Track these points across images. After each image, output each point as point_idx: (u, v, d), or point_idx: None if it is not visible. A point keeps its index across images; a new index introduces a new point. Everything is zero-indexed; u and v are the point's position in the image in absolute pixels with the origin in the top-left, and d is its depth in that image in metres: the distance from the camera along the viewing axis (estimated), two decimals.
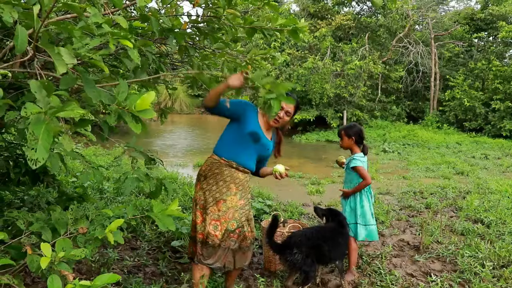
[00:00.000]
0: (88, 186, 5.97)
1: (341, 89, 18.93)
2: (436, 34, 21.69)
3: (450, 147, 14.71)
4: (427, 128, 19.31)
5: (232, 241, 3.03)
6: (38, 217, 2.44)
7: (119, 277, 1.78)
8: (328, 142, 17.03)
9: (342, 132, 4.04)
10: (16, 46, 1.59)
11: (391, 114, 21.38)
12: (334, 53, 20.69)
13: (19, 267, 2.21)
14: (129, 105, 1.67)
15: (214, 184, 3.05)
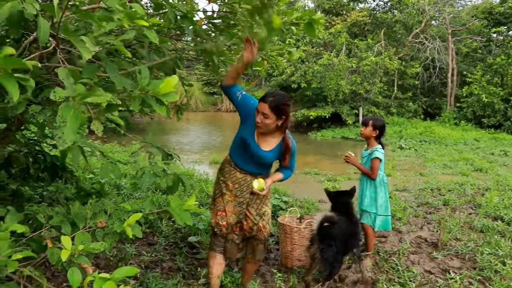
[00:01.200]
0: (105, 182, 6.02)
1: (357, 86, 18.82)
2: (454, 29, 21.42)
3: (468, 144, 14.49)
4: (444, 125, 19.07)
5: (236, 234, 3.17)
6: (58, 211, 2.47)
7: (137, 270, 1.79)
8: (344, 139, 16.95)
9: (371, 122, 4.05)
10: (39, 38, 1.61)
11: (407, 111, 21.16)
12: (349, 49, 20.56)
13: (39, 260, 2.24)
14: (152, 89, 1.69)
15: (220, 178, 3.21)
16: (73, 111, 1.46)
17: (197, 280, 3.50)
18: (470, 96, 19.56)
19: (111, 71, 1.86)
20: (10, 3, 1.65)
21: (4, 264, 1.88)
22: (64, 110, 1.46)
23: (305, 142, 16.04)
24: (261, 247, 3.20)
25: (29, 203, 3.46)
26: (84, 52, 1.60)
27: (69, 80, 1.54)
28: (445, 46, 21.09)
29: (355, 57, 19.74)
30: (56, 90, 1.51)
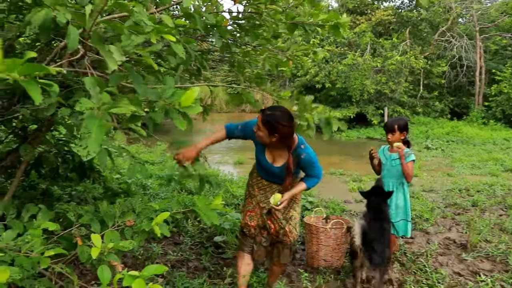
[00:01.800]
0: (132, 182, 6.09)
1: (382, 85, 18.61)
2: (482, 26, 20.96)
3: (497, 144, 14.16)
4: (472, 124, 18.68)
5: (264, 237, 3.19)
6: (87, 210, 2.52)
7: (166, 268, 1.81)
8: (369, 139, 16.79)
9: (396, 126, 3.84)
10: (68, 45, 1.64)
11: (433, 110, 20.81)
12: (374, 49, 20.35)
13: (70, 257, 2.28)
14: (174, 101, 1.70)
15: (250, 180, 3.28)
16: (98, 122, 1.48)
17: (223, 280, 3.51)
18: (499, 94, 19.11)
19: (136, 81, 1.87)
20: (44, 11, 1.69)
21: (37, 260, 1.93)
22: (89, 121, 1.47)
23: (329, 143, 15.94)
24: (286, 252, 3.18)
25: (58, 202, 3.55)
26: (110, 62, 1.61)
27: (95, 90, 1.57)
28: (473, 44, 20.66)
29: (380, 56, 19.53)
30: (82, 101, 1.52)
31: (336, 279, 3.74)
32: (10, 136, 3.40)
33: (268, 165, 3.03)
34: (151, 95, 1.77)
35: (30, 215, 2.41)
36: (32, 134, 3.01)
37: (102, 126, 1.46)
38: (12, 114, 2.55)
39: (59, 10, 1.62)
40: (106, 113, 1.48)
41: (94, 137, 1.43)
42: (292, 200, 3.13)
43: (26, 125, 3.14)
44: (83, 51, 1.71)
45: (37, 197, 3.86)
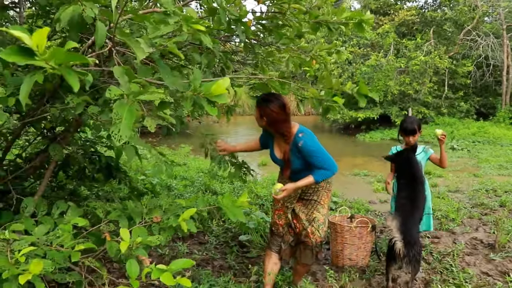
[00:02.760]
0: (157, 183, 6.18)
1: (406, 86, 18.42)
2: (509, 24, 20.53)
3: None
4: (499, 125, 18.31)
5: (291, 236, 3.22)
6: (115, 207, 2.57)
7: (193, 262, 1.84)
8: (393, 141, 16.57)
9: (417, 127, 3.77)
10: (96, 41, 1.69)
11: (459, 111, 20.47)
12: (397, 49, 20.15)
13: (98, 253, 2.33)
14: (204, 90, 1.73)
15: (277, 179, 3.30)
16: (128, 108, 1.53)
17: (248, 278, 3.53)
18: None
19: (164, 72, 1.93)
20: (72, 7, 1.74)
21: (68, 254, 1.98)
22: (119, 107, 1.52)
23: (353, 144, 15.86)
24: (308, 252, 3.17)
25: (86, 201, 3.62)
26: (138, 52, 1.66)
27: (124, 78, 1.61)
28: (500, 43, 20.26)
29: (403, 57, 19.34)
30: (111, 88, 1.58)
31: (361, 278, 3.73)
32: (39, 138, 3.49)
33: (278, 160, 3.16)
34: (179, 86, 1.81)
35: (60, 212, 2.48)
36: (60, 135, 3.08)
37: (132, 112, 1.50)
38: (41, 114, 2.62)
39: (86, 5, 1.67)
40: (136, 101, 1.52)
41: (125, 122, 1.47)
42: (316, 202, 3.13)
43: (54, 125, 3.21)
44: (111, 44, 1.75)
45: (65, 197, 3.95)
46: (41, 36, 1.02)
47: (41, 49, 1.06)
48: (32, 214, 2.43)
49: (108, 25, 1.95)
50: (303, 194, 3.14)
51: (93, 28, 2.00)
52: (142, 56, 1.67)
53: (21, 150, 3.57)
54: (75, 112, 2.31)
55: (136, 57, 1.67)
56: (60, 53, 1.10)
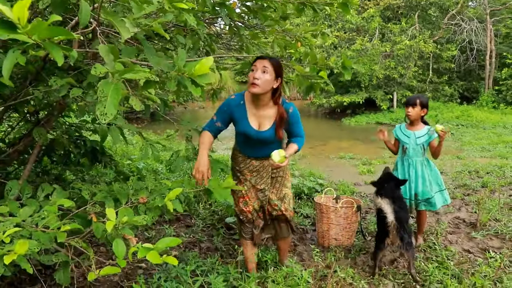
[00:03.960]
0: (143, 167, 6.16)
1: (391, 70, 18.51)
2: (492, 9, 20.69)
3: (507, 127, 14.06)
4: (482, 108, 18.56)
5: (261, 219, 3.18)
6: (101, 189, 2.56)
7: (180, 240, 1.85)
8: (378, 124, 16.73)
9: (418, 101, 3.79)
10: (80, 20, 1.68)
11: (443, 95, 20.67)
12: (382, 34, 20.20)
13: (85, 234, 2.33)
14: (188, 70, 1.73)
15: (236, 166, 3.16)
16: (113, 86, 1.52)
17: (235, 259, 3.57)
18: (510, 78, 18.95)
19: (148, 52, 1.92)
20: None
21: (53, 235, 1.98)
22: (105, 85, 1.51)
23: (339, 128, 15.94)
24: (283, 226, 3.22)
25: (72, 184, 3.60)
26: (123, 32, 1.65)
27: (110, 57, 1.60)
28: (483, 27, 20.42)
29: (388, 41, 19.40)
30: (97, 65, 1.56)
31: (347, 257, 3.78)
32: (22, 122, 3.45)
33: (255, 133, 2.91)
34: (164, 66, 1.81)
35: (45, 194, 2.47)
36: (44, 119, 3.05)
37: (118, 90, 1.49)
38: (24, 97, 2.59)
39: None
40: (120, 79, 1.51)
41: (111, 100, 1.47)
42: (283, 178, 3.13)
43: (37, 109, 3.18)
44: (95, 24, 1.74)
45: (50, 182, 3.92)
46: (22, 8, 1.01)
47: (23, 22, 1.04)
48: (17, 198, 2.42)
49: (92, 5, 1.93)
50: (260, 179, 3.09)
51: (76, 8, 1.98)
52: (127, 36, 1.65)
53: (4, 135, 3.53)
54: (58, 94, 2.29)
55: (121, 36, 1.65)
56: (43, 27, 1.09)
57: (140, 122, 15.77)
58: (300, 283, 2.81)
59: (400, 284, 3.31)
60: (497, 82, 20.05)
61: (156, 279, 3.00)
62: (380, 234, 3.39)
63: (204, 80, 1.74)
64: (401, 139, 3.91)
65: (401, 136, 3.91)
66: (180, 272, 3.05)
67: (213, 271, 3.19)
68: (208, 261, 3.45)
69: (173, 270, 3.11)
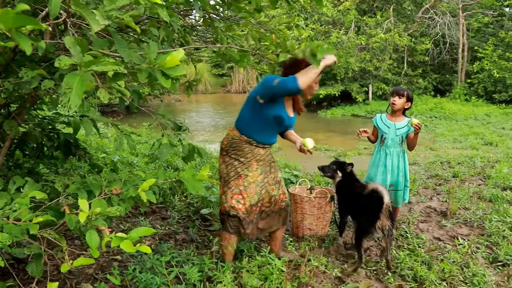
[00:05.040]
0: (118, 160, 6.12)
1: (366, 63, 18.70)
2: (464, 3, 21.05)
3: (478, 119, 14.42)
4: (454, 101, 18.92)
5: (255, 214, 3.15)
6: (74, 180, 2.55)
7: (153, 230, 1.86)
8: (354, 117, 16.91)
9: (406, 93, 3.86)
10: (50, 10, 1.66)
11: (417, 88, 20.98)
12: (358, 27, 20.36)
13: (58, 226, 2.33)
14: (159, 62, 1.73)
15: (235, 159, 3.09)
16: (79, 78, 1.50)
17: (210, 249, 3.59)
18: (481, 71, 19.35)
19: (119, 45, 1.91)
20: None
21: (25, 227, 1.97)
22: (70, 77, 1.49)
23: (315, 120, 16.04)
24: (283, 214, 3.32)
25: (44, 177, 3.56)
26: (94, 24, 1.64)
27: (76, 49, 1.59)
28: (456, 22, 20.77)
29: (364, 34, 19.57)
30: (61, 57, 1.54)
31: (320, 246, 3.85)
32: None
33: (288, 118, 3.10)
34: (135, 59, 1.80)
35: (17, 187, 2.44)
36: (15, 111, 3.01)
37: (84, 82, 1.47)
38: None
39: None
40: (88, 72, 1.50)
41: (75, 91, 1.45)
42: (274, 163, 3.28)
43: (8, 101, 3.14)
44: (65, 15, 1.73)
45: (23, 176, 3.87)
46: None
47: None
48: None
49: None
50: (264, 168, 3.15)
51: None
52: (97, 28, 1.64)
53: None
54: (30, 86, 2.26)
55: (91, 29, 1.65)
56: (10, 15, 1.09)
57: (116, 115, 15.61)
58: (273, 272, 2.85)
59: (372, 271, 3.39)
60: (469, 75, 20.46)
61: (131, 270, 3.01)
62: (369, 218, 3.32)
63: (175, 72, 1.74)
64: (380, 129, 3.98)
65: (381, 126, 3.98)
66: (155, 263, 3.06)
67: (188, 262, 3.21)
68: (184, 252, 3.47)
69: (148, 261, 3.11)
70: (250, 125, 3.06)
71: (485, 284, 3.07)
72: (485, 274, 3.17)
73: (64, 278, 3.13)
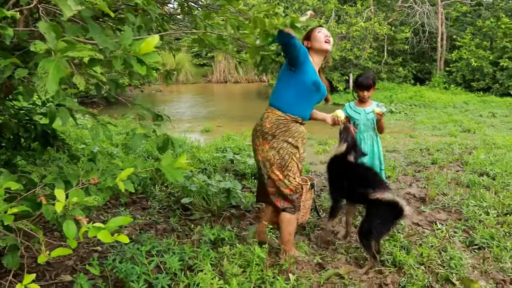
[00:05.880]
0: (97, 152, 6.05)
1: (347, 52, 18.77)
2: None
3: (457, 107, 14.65)
4: (434, 89, 19.16)
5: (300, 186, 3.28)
6: (51, 171, 2.51)
7: (131, 219, 1.85)
8: (335, 105, 16.96)
9: (372, 83, 3.91)
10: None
11: (397, 76, 21.20)
12: (338, 15, 20.41)
13: (35, 217, 2.29)
14: (133, 49, 1.71)
15: (284, 141, 3.08)
16: (55, 63, 1.48)
17: (190, 238, 3.59)
18: (459, 60, 19.61)
19: (94, 31, 1.87)
20: None
21: (0, 219, 1.93)
22: (46, 62, 1.46)
23: None
24: None
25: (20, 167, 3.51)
26: (65, 9, 1.59)
27: (51, 34, 1.55)
28: (435, 11, 20.97)
29: (344, 23, 19.62)
30: (37, 42, 1.51)
31: (301, 234, 3.87)
32: None
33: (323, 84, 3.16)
34: (110, 45, 1.77)
35: None
36: None
37: (60, 67, 1.45)
38: None
39: None
40: (63, 58, 1.48)
41: (52, 77, 1.42)
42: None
43: None
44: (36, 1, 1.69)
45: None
46: None
47: None
48: None
49: None
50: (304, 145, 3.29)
51: None
52: (69, 14, 1.61)
53: None
54: (3, 75, 2.21)
55: (63, 14, 1.61)
56: None
57: (96, 106, 15.41)
58: (254, 260, 2.86)
59: (353, 257, 3.43)
60: (448, 64, 20.72)
61: (111, 260, 2.98)
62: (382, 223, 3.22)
63: (149, 59, 1.72)
64: (352, 116, 4.01)
65: (352, 113, 4.02)
66: (135, 253, 3.04)
67: (169, 251, 3.20)
68: (164, 242, 3.45)
69: (128, 251, 3.09)
70: (294, 101, 3.07)
71: (461, 266, 3.13)
72: (461, 257, 3.23)
73: (43, 270, 3.10)
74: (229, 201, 4.45)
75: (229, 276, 2.74)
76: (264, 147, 3.10)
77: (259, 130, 3.13)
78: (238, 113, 14.97)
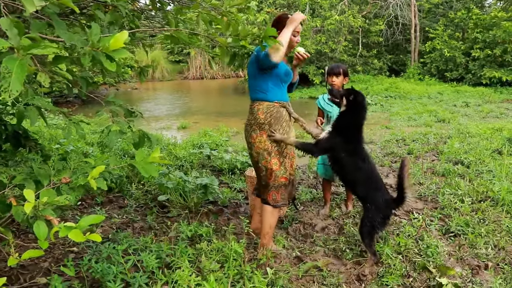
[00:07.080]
0: (72, 151, 5.95)
1: (322, 45, 18.84)
2: None
3: (431, 97, 14.85)
4: (409, 80, 19.39)
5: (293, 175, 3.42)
6: (21, 171, 2.45)
7: (103, 217, 1.81)
8: (311, 99, 17.04)
9: (341, 70, 3.95)
10: None
11: (372, 68, 21.38)
12: (313, 9, 20.47)
13: (5, 220, 2.24)
14: (102, 45, 1.67)
15: (280, 128, 3.21)
16: (18, 62, 1.43)
17: (167, 235, 3.55)
18: (433, 51, 19.85)
19: (59, 27, 1.82)
20: None
21: None
22: (9, 61, 1.41)
23: None
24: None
25: None
26: (28, 5, 1.54)
27: (13, 31, 1.50)
28: (408, 3, 21.17)
29: (319, 16, 19.68)
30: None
31: (279, 228, 3.87)
32: None
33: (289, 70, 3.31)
34: (77, 41, 1.73)
35: None
36: None
37: (24, 66, 1.40)
38: None
39: None
40: (27, 56, 1.43)
41: (16, 76, 1.38)
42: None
43: None
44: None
45: None
46: None
47: None
48: None
49: None
50: None
51: None
52: (32, 9, 1.55)
53: None
54: None
55: (26, 10, 1.56)
56: None
57: (70, 105, 15.16)
58: (231, 255, 2.85)
59: (331, 249, 3.44)
60: (422, 55, 20.97)
61: (87, 260, 2.94)
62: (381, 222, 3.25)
63: (118, 55, 1.68)
64: (325, 109, 4.03)
65: (325, 106, 4.03)
66: (112, 253, 3.00)
67: (146, 249, 3.16)
68: (141, 240, 3.41)
69: (104, 251, 3.04)
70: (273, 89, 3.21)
71: (438, 254, 3.18)
72: (438, 245, 3.28)
73: (17, 274, 3.03)
74: (207, 197, 4.42)
75: (207, 272, 2.72)
76: (262, 138, 3.20)
77: (254, 123, 3.22)
78: (214, 109, 14.91)
